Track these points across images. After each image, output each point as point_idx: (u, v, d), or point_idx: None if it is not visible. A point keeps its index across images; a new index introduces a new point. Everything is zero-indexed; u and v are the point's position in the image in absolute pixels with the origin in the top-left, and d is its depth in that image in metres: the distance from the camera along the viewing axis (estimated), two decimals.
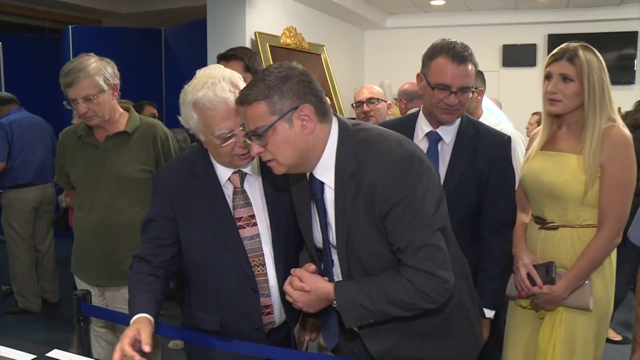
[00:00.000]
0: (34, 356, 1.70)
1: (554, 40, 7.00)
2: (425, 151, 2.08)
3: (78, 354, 1.83)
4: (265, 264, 1.80)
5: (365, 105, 3.20)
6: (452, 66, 1.98)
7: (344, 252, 1.56)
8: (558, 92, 2.07)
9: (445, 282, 1.46)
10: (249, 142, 1.50)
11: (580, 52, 2.04)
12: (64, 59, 5.97)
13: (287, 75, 1.43)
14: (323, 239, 1.62)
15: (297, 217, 1.71)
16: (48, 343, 3.73)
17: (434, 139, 2.12)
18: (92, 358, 1.92)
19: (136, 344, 1.55)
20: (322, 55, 6.22)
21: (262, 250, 1.80)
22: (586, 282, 2.05)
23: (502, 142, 2.11)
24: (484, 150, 2.08)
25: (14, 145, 4.67)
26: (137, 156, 2.46)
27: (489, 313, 2.12)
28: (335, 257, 1.62)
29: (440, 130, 2.11)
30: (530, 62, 7.30)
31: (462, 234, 2.01)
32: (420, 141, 2.13)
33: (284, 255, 1.81)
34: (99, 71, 2.35)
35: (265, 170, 1.75)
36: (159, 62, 6.54)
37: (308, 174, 1.58)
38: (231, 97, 1.62)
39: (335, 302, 1.53)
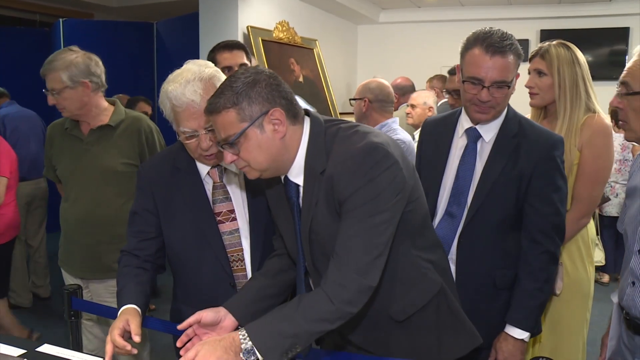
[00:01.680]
0: (24, 351, 1.69)
1: (546, 35, 7.01)
2: (462, 149, 1.97)
3: (69, 348, 1.82)
4: (244, 259, 1.80)
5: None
6: (486, 58, 1.81)
7: (307, 248, 1.55)
8: (534, 86, 2.29)
9: (367, 279, 1.39)
10: (222, 150, 1.47)
11: (552, 49, 2.25)
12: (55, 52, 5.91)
13: (254, 80, 1.40)
14: (297, 243, 1.59)
15: (276, 222, 1.69)
16: (39, 338, 3.73)
17: (472, 136, 1.96)
18: (83, 352, 1.91)
19: (125, 335, 1.56)
20: (314, 50, 6.21)
21: (241, 245, 1.80)
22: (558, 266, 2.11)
23: (550, 142, 1.88)
24: (528, 149, 1.87)
25: (7, 140, 4.64)
26: (121, 149, 2.46)
27: (522, 334, 1.86)
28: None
29: (480, 127, 1.95)
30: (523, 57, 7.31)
31: (496, 244, 1.90)
32: (460, 138, 2.00)
33: (262, 250, 1.80)
34: (66, 67, 2.36)
35: None
36: (151, 55, 6.52)
37: (283, 177, 1.55)
38: (198, 99, 1.59)
39: (248, 343, 1.35)
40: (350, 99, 3.15)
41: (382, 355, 1.64)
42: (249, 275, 1.79)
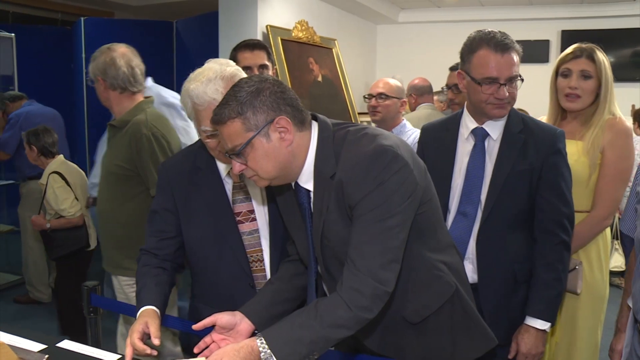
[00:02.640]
0: (45, 346, 1.71)
1: (567, 36, 6.93)
2: (470, 149, 2.00)
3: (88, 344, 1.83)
4: (263, 260, 1.80)
5: (374, 99, 3.14)
6: (497, 56, 1.86)
7: (320, 253, 1.55)
8: (579, 88, 2.23)
9: (383, 284, 1.39)
10: (231, 159, 1.47)
11: (597, 51, 2.22)
12: (76, 51, 5.98)
13: (258, 89, 1.40)
14: (309, 248, 1.59)
15: (287, 228, 1.68)
16: (59, 333, 3.76)
17: (480, 135, 1.99)
18: (101, 349, 1.93)
19: (144, 337, 1.57)
20: (333, 50, 6.19)
21: (261, 246, 1.79)
22: (577, 266, 2.14)
23: (555, 135, 1.94)
24: (535, 143, 1.92)
25: None
26: (118, 151, 2.47)
27: (543, 325, 1.90)
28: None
29: (487, 126, 1.99)
30: (543, 58, 7.23)
31: (513, 239, 1.93)
32: (466, 139, 2.02)
33: (281, 251, 1.80)
34: (91, 62, 2.54)
35: None
36: (171, 54, 6.54)
37: (293, 183, 1.54)
38: (220, 98, 1.56)
39: (267, 351, 1.36)
40: (383, 95, 3.07)
41: (397, 358, 1.63)
42: (268, 275, 1.79)
